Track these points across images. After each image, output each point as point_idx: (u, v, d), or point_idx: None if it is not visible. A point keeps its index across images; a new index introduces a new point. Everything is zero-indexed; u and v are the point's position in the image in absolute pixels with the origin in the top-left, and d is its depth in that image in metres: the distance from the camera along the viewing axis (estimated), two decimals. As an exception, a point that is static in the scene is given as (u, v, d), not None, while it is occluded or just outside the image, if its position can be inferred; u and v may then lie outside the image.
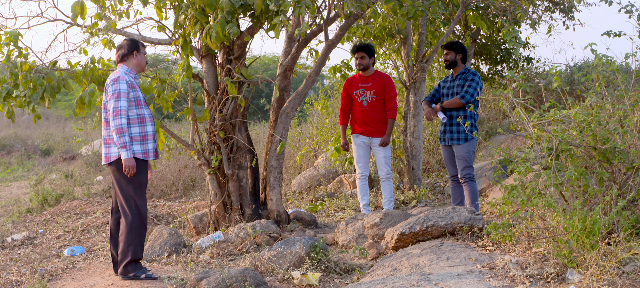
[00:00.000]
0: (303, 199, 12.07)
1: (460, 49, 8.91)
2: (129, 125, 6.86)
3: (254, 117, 22.43)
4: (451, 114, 8.76)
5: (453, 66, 8.93)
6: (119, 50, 7.09)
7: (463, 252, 6.53)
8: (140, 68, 7.14)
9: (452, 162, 8.92)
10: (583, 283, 5.17)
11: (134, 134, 6.88)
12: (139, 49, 7.09)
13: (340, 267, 7.21)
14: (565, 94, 7.57)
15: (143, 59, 7.12)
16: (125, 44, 7.08)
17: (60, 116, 31.46)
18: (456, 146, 8.75)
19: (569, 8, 14.22)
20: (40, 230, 10.35)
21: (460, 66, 8.91)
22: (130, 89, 6.88)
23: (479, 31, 13.63)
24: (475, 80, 8.66)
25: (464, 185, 8.73)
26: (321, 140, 14.27)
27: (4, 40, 8.18)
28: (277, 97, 9.56)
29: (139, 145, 6.90)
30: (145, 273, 6.88)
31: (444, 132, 8.87)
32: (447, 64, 8.97)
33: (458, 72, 8.90)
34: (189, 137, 9.34)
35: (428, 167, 13.78)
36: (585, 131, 6.19)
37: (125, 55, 7.05)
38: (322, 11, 9.23)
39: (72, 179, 15.40)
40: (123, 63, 7.06)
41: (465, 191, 8.73)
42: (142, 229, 6.93)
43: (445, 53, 8.95)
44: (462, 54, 8.90)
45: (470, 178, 8.71)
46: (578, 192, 6.16)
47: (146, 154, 6.96)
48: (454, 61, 8.90)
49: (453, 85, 8.87)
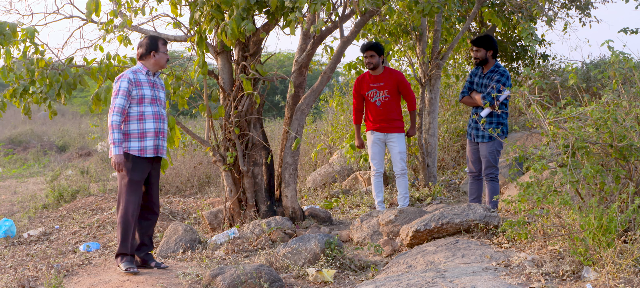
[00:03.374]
0: (318, 196, 12.06)
1: (490, 44, 8.62)
2: (129, 121, 6.95)
3: (269, 114, 22.46)
4: (477, 112, 8.63)
5: (483, 63, 8.66)
6: (139, 48, 7.15)
7: (478, 249, 6.51)
8: (159, 66, 7.18)
9: (474, 158, 8.76)
10: (599, 281, 5.15)
11: (132, 131, 6.96)
12: (158, 48, 7.12)
13: (355, 263, 7.20)
14: (582, 91, 7.54)
15: (162, 57, 7.15)
16: (144, 42, 7.13)
17: (76, 112, 31.57)
18: (482, 144, 8.61)
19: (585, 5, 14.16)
20: (56, 226, 10.39)
21: (491, 62, 8.64)
22: (134, 86, 6.95)
23: (495, 28, 13.59)
24: (501, 81, 8.39)
25: (486, 182, 8.61)
26: (336, 137, 14.26)
27: (21, 37, 8.22)
28: (292, 94, 9.56)
29: (136, 142, 6.97)
30: (127, 268, 7.02)
31: (471, 128, 8.77)
32: (477, 62, 8.71)
33: (488, 69, 8.64)
34: (205, 133, 9.35)
35: (443, 164, 13.74)
36: (602, 128, 6.16)
37: (143, 55, 7.11)
38: (338, 8, 9.22)
39: (87, 175, 15.46)
40: (141, 61, 7.12)
41: (487, 189, 8.61)
42: (125, 225, 7.06)
43: (474, 50, 8.69)
44: (492, 49, 8.62)
45: (493, 178, 8.56)
46: (594, 189, 6.13)
47: (143, 151, 7.01)
48: (485, 58, 8.62)
49: (482, 82, 8.63)
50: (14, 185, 16.35)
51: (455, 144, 14.11)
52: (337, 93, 13.83)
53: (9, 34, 8.02)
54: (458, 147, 14.07)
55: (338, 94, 13.81)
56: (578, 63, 17.20)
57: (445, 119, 14.31)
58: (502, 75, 8.44)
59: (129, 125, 6.96)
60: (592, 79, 15.33)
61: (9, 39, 8.03)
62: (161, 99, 7.23)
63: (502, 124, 8.46)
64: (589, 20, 14.32)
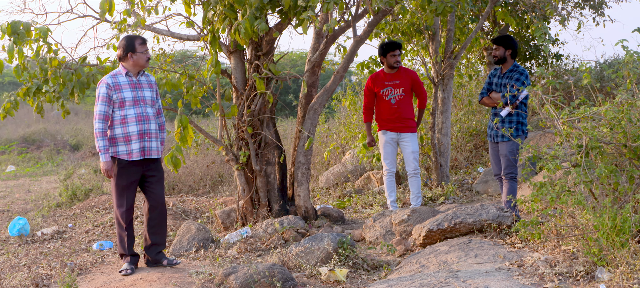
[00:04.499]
0: (330, 195, 12.06)
1: (509, 43, 8.50)
2: (114, 126, 6.93)
3: (282, 113, 22.48)
4: (496, 111, 8.58)
5: (502, 62, 8.54)
6: (118, 50, 7.09)
7: (491, 249, 6.50)
8: (139, 66, 7.07)
9: (496, 160, 8.68)
10: (613, 281, 5.13)
11: (117, 135, 6.94)
12: (136, 49, 7.00)
13: (367, 263, 7.20)
14: (595, 91, 7.51)
15: (141, 57, 7.03)
16: (121, 44, 7.05)
17: (89, 111, 31.64)
18: (501, 143, 8.54)
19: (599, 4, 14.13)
20: (70, 224, 10.43)
21: (510, 62, 8.53)
22: (114, 90, 6.90)
23: (508, 27, 13.57)
24: (521, 80, 8.28)
25: (505, 181, 8.56)
26: (349, 137, 14.26)
27: (35, 36, 8.24)
28: (305, 93, 9.56)
29: (123, 146, 6.96)
30: (124, 270, 7.05)
31: (491, 129, 8.71)
32: (495, 60, 8.59)
33: (507, 69, 8.54)
34: (217, 132, 9.36)
35: (456, 164, 13.72)
36: (616, 128, 6.14)
37: (121, 57, 7.05)
38: (351, 7, 9.21)
39: (100, 174, 15.49)
40: (121, 62, 7.09)
41: (504, 187, 8.56)
42: (119, 229, 7.11)
43: (493, 48, 8.57)
44: (511, 49, 8.50)
45: (512, 178, 8.50)
46: (608, 189, 6.11)
47: (130, 155, 6.97)
48: (503, 57, 8.51)
49: (501, 82, 8.53)
50: (27, 184, 16.43)
51: (468, 143, 14.09)
52: (350, 92, 13.82)
53: (22, 33, 8.05)
54: (471, 147, 14.05)
55: (351, 93, 13.80)
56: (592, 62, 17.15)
57: (458, 118, 14.28)
58: (522, 74, 8.38)
59: (114, 129, 6.94)
60: (606, 78, 15.29)
61: (22, 38, 8.05)
62: (146, 99, 7.12)
63: (521, 123, 8.41)
64: (603, 20, 14.30)
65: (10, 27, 7.95)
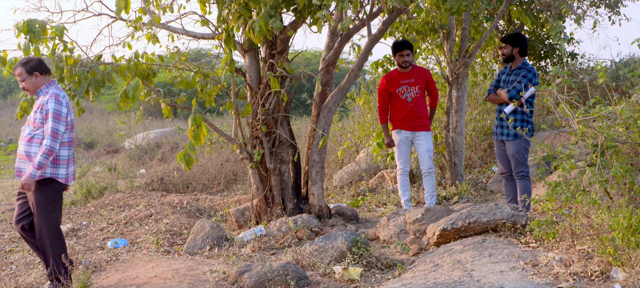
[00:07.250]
0: (344, 194, 12.06)
1: (517, 41, 8.52)
2: (60, 147, 6.64)
3: (296, 112, 22.46)
4: (502, 109, 8.57)
5: (510, 60, 8.56)
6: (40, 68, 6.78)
7: (505, 248, 6.48)
8: None
9: (503, 158, 8.68)
10: (628, 281, 5.11)
11: (62, 157, 6.66)
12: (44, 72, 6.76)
13: (381, 262, 7.20)
14: (611, 90, 7.48)
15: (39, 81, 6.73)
16: None
17: (104, 109, 31.79)
18: (508, 142, 8.53)
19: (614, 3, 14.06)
20: (84, 222, 10.47)
21: (518, 60, 8.54)
22: (69, 111, 6.69)
23: (523, 26, 13.52)
24: (527, 77, 8.31)
25: (518, 181, 8.54)
26: (363, 135, 14.25)
27: (50, 34, 8.27)
28: (320, 92, 9.56)
29: (64, 169, 6.69)
30: None
31: (496, 127, 8.70)
32: (503, 58, 8.61)
33: (516, 66, 8.55)
34: (232, 131, 9.38)
35: (470, 163, 13.69)
36: (632, 128, 6.11)
37: None
38: (365, 6, 9.20)
39: (115, 172, 15.55)
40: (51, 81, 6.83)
41: (518, 187, 8.54)
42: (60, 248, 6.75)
43: (502, 46, 8.61)
44: (519, 47, 8.51)
45: (524, 176, 8.47)
46: (623, 189, 6.08)
47: (67, 179, 6.74)
48: (511, 55, 8.53)
49: (509, 79, 8.54)
50: (42, 182, 16.46)
51: (482, 142, 14.05)
52: (364, 91, 13.81)
53: (38, 32, 8.07)
54: (485, 146, 14.01)
55: (365, 92, 13.79)
56: (607, 61, 17.10)
57: (472, 117, 14.25)
58: (529, 72, 8.37)
59: (61, 151, 6.67)
60: (621, 77, 15.22)
61: (38, 36, 8.08)
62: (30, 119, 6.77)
63: (527, 121, 8.39)
64: (619, 19, 14.21)
65: (26, 25, 7.98)
